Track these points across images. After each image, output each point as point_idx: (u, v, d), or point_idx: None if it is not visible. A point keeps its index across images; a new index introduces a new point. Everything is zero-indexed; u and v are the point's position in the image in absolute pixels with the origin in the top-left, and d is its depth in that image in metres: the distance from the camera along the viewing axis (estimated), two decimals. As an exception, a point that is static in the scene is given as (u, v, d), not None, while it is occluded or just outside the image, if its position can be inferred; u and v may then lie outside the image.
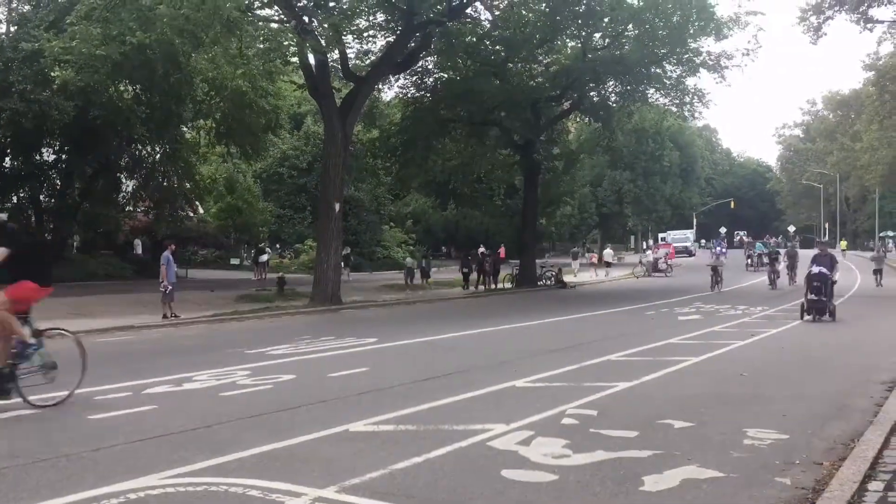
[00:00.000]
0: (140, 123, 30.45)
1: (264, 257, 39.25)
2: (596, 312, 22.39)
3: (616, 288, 37.32)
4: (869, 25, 36.04)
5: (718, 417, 8.01)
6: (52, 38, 21.36)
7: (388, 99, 38.29)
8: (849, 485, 5.44)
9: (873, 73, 47.03)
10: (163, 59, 22.89)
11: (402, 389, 9.67)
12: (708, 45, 32.02)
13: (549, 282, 36.50)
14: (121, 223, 38.40)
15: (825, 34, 35.43)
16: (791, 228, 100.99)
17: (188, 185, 36.62)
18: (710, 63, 32.09)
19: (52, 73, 23.45)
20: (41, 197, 34.05)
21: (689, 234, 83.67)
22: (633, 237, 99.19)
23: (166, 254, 19.64)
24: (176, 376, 10.43)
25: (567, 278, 38.38)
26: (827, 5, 34.20)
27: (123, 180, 36.64)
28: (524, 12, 29.15)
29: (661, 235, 78.32)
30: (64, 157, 33.41)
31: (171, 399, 9.04)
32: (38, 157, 32.84)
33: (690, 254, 76.81)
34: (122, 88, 29.00)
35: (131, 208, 38.52)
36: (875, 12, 35.12)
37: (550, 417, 7.91)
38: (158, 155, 35.12)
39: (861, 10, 33.99)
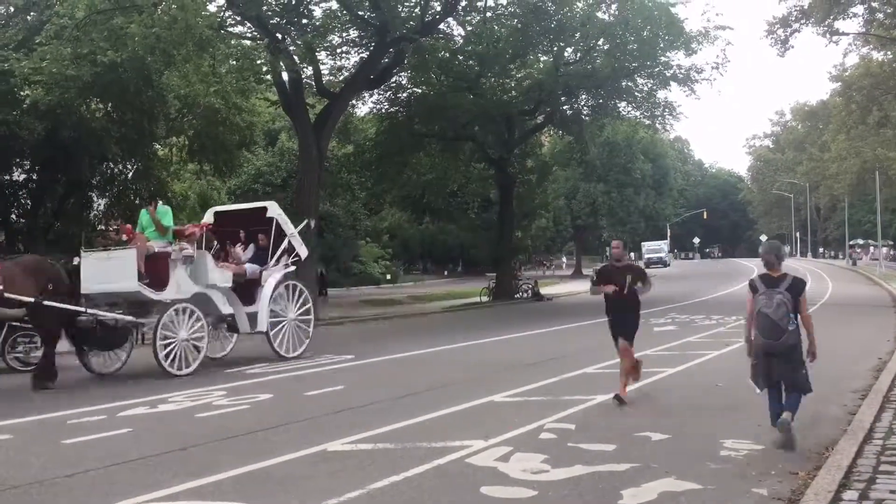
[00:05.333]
0: (112, 142, 30.16)
1: None
2: (572, 325, 22.48)
3: (592, 300, 37.35)
4: (835, 38, 36.68)
5: (695, 429, 8.08)
6: (21, 58, 21.15)
7: (362, 114, 38.34)
8: (824, 494, 5.50)
9: (840, 84, 47.75)
10: (134, 77, 22.75)
11: (379, 407, 9.64)
12: (678, 58, 32.49)
13: (525, 294, 36.59)
14: (93, 242, 37.93)
15: (792, 47, 36.02)
16: (763, 238, 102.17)
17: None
18: (681, 76, 32.51)
19: (22, 93, 23.20)
20: (11, 217, 33.57)
21: (664, 244, 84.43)
22: (608, 248, 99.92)
23: None
24: (151, 398, 10.33)
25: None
26: (793, 18, 34.74)
27: (95, 199, 36.21)
28: (496, 28, 29.38)
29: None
30: (34, 176, 32.99)
31: (147, 421, 8.93)
32: (7, 178, 32.41)
33: (665, 264, 77.48)
34: (93, 107, 28.73)
35: (103, 227, 38.08)
36: (841, 25, 35.76)
37: (529, 432, 7.92)
38: (131, 173, 34.78)
39: (827, 22, 34.56)
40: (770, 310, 7.29)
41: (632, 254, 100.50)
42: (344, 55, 30.18)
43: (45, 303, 11.62)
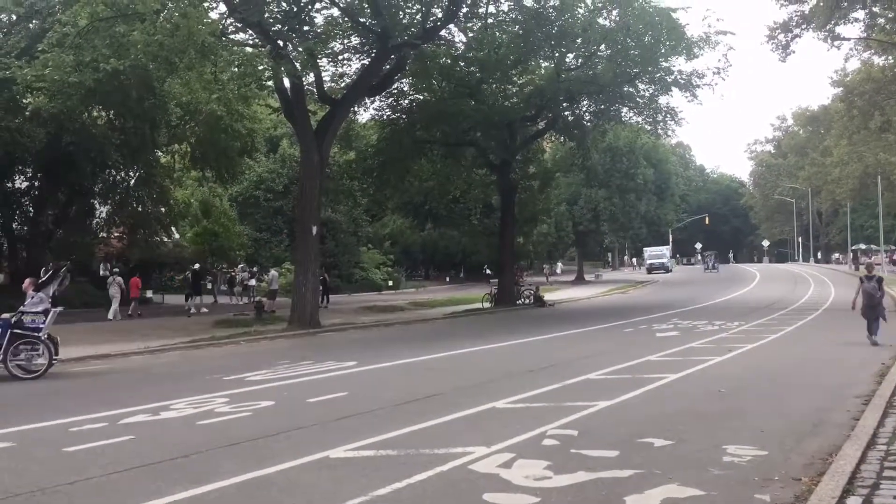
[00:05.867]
0: (114, 149, 30.25)
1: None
2: (575, 331, 22.45)
3: (595, 305, 37.46)
4: (836, 43, 36.70)
5: (697, 435, 8.06)
6: (23, 66, 21.20)
7: (363, 121, 38.35)
8: (828, 500, 5.49)
9: (841, 89, 47.77)
10: (136, 84, 22.80)
11: (381, 413, 9.63)
12: (679, 64, 32.49)
13: (527, 300, 36.56)
14: (94, 249, 38.00)
15: (793, 52, 35.99)
16: (765, 243, 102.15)
17: (163, 210, 36.35)
18: (682, 82, 32.50)
19: (24, 101, 23.26)
20: (14, 225, 33.64)
21: (666, 250, 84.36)
22: (609, 254, 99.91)
23: None
24: (153, 405, 10.32)
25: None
26: (794, 23, 34.74)
27: (97, 206, 36.28)
28: (498, 34, 29.36)
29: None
30: (37, 183, 33.09)
31: (149, 428, 8.92)
32: (10, 185, 32.50)
33: (667, 270, 77.42)
34: (95, 114, 28.81)
35: (105, 234, 38.14)
36: (842, 30, 35.95)
37: (531, 438, 7.91)
38: (133, 180, 34.86)
39: (828, 27, 34.57)
40: (870, 290, 16.90)
41: (633, 259, 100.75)
42: (345, 62, 30.20)
43: None
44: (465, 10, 28.78)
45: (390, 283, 52.95)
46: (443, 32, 29.64)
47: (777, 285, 47.65)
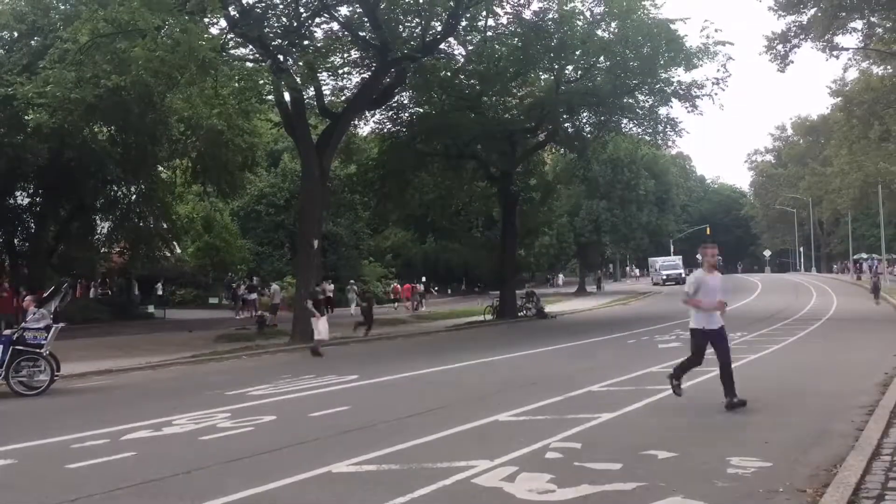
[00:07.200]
0: (115, 164, 30.33)
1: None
2: (577, 342, 22.39)
3: (597, 317, 37.41)
4: (835, 53, 36.85)
5: (701, 446, 8.02)
6: (25, 82, 21.29)
7: (364, 134, 38.47)
8: (833, 512, 5.46)
9: (840, 98, 47.93)
10: (137, 99, 22.90)
11: (384, 427, 9.60)
12: (678, 74, 32.58)
13: (529, 312, 36.51)
14: (96, 265, 38.03)
15: (792, 62, 36.13)
16: (766, 253, 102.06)
17: (164, 225, 36.40)
18: (682, 92, 32.57)
19: (26, 117, 23.35)
20: (15, 241, 33.70)
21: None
22: (611, 265, 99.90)
23: None
24: (154, 421, 10.28)
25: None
26: (793, 34, 34.87)
27: (99, 222, 36.35)
28: (497, 47, 29.50)
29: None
30: (38, 199, 33.16)
31: (150, 445, 8.89)
32: (11, 201, 32.57)
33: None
34: (96, 130, 28.91)
35: (107, 250, 38.18)
36: (840, 40, 36.10)
37: (534, 452, 7.87)
38: (134, 195, 34.95)
39: (826, 37, 34.69)
40: (876, 282, 41.07)
41: (636, 269, 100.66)
42: (345, 76, 30.34)
43: None
44: (464, 23, 28.92)
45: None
46: (442, 46, 29.77)
47: (779, 296, 47.56)
